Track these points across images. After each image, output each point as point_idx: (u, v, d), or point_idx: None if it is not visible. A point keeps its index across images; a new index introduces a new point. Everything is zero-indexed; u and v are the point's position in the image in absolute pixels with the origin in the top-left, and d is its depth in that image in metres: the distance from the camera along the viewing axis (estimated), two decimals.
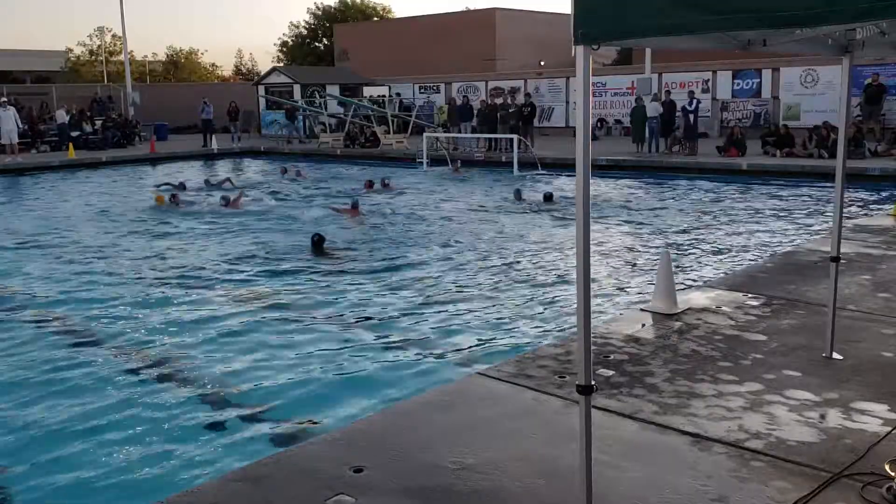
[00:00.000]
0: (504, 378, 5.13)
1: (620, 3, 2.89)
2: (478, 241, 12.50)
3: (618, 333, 6.04)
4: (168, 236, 13.60)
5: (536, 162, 22.02)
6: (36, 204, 18.26)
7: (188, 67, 68.52)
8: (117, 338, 7.84)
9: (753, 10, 2.60)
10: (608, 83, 30.72)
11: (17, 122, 26.44)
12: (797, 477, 3.79)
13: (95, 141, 30.08)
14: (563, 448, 4.03)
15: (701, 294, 7.20)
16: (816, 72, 25.69)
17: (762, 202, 15.96)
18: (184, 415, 5.89)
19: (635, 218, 14.46)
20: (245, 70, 72.07)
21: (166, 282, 10.15)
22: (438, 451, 4.12)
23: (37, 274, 10.79)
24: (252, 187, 19.85)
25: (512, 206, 15.83)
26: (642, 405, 4.65)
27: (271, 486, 3.80)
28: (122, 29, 35.17)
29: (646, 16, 2.84)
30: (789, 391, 4.84)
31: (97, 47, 64.76)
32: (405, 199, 17.34)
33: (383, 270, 10.53)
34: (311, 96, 32.62)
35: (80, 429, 5.67)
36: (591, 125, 3.12)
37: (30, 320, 8.58)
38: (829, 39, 4.53)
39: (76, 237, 13.63)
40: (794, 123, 24.27)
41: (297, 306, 8.87)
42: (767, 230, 12.98)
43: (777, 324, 6.21)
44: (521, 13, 47.99)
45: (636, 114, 23.93)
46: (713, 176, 19.63)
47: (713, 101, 28.11)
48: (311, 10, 64.23)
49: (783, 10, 2.54)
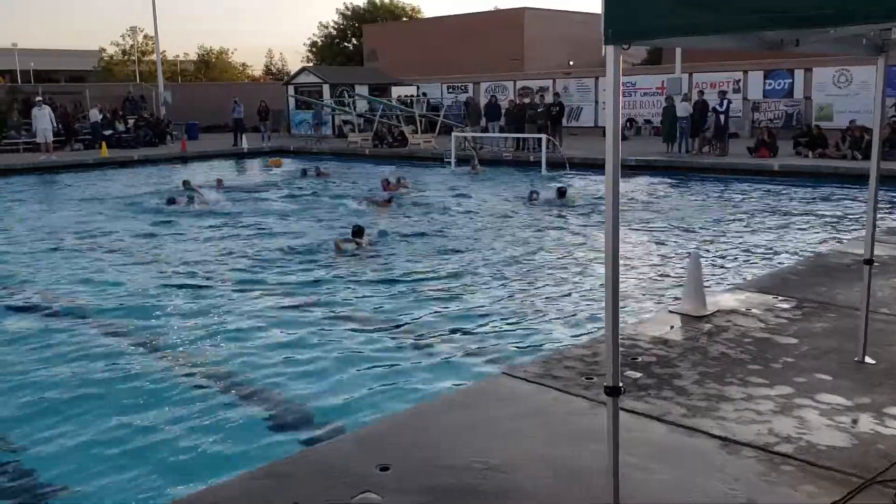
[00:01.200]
0: (530, 378, 5.11)
1: (651, 3, 2.87)
2: (503, 240, 12.47)
3: (646, 335, 5.99)
4: (187, 236, 13.71)
5: (565, 162, 21.93)
6: (59, 203, 18.52)
7: (219, 67, 69.20)
8: (142, 334, 7.94)
9: (786, 9, 2.57)
10: (638, 83, 30.52)
11: (52, 121, 26.86)
12: (828, 482, 3.73)
13: (128, 139, 30.47)
14: (588, 449, 4.00)
15: (730, 296, 7.13)
16: (850, 72, 25.33)
17: (793, 203, 15.77)
18: (208, 412, 5.94)
19: (664, 218, 14.35)
20: (275, 70, 72.64)
21: (191, 281, 10.24)
22: (464, 450, 4.11)
23: (49, 269, 10.98)
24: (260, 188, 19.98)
25: (537, 206, 15.78)
26: (670, 407, 4.61)
27: (296, 483, 3.82)
28: (155, 29, 35.66)
29: (676, 15, 2.81)
30: (820, 395, 4.77)
31: (130, 47, 65.63)
32: (427, 199, 17.35)
33: (408, 270, 10.54)
34: (341, 96, 32.79)
35: (108, 425, 5.74)
36: (620, 125, 3.10)
37: (59, 316, 8.72)
38: (864, 39, 4.46)
39: (97, 235, 13.81)
40: (828, 124, 23.95)
41: (320, 305, 8.90)
42: (798, 232, 12.83)
43: (808, 327, 6.13)
44: (551, 13, 47.86)
45: (666, 114, 23.77)
46: (744, 177, 19.43)
47: (744, 102, 27.82)
48: (341, 11, 64.62)
49: (817, 9, 2.51)
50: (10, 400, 6.25)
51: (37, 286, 10.13)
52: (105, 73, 61.18)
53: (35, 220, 15.66)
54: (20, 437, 5.65)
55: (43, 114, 26.26)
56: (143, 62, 61.77)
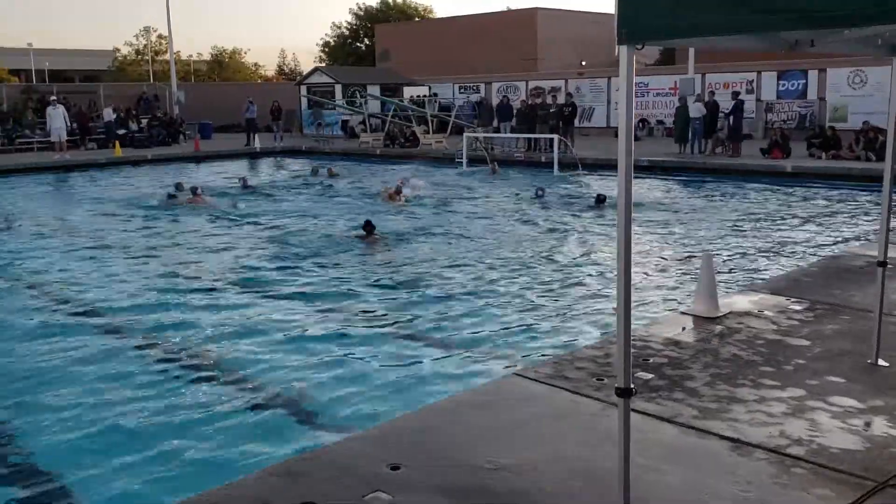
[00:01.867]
0: (541, 379, 5.11)
1: (665, 3, 2.86)
2: (514, 241, 12.46)
3: (658, 336, 5.98)
4: (202, 234, 13.77)
5: (577, 162, 21.89)
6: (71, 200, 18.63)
7: (232, 67, 69.45)
8: (151, 332, 7.99)
9: (800, 9, 2.56)
10: (651, 83, 30.44)
11: (66, 121, 27.02)
12: (840, 485, 3.72)
13: (141, 139, 30.62)
14: (599, 450, 4.00)
15: (743, 298, 7.10)
16: (865, 72, 25.17)
17: (807, 205, 15.69)
18: (222, 410, 5.96)
19: (677, 219, 14.30)
20: (288, 70, 72.85)
21: (205, 280, 10.29)
22: (474, 450, 4.12)
23: (58, 265, 11.05)
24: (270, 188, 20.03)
25: (549, 207, 15.75)
26: (682, 409, 4.60)
27: (309, 481, 3.83)
28: (168, 29, 35.79)
29: (691, 15, 2.80)
30: (833, 397, 4.75)
31: (143, 47, 66.03)
32: (438, 199, 17.35)
33: (419, 270, 10.56)
34: (353, 96, 32.85)
35: (124, 423, 5.78)
36: (633, 125, 3.10)
37: (75, 314, 8.78)
38: (879, 39, 4.44)
39: (104, 232, 13.91)
40: (843, 125, 23.81)
41: (333, 304, 8.92)
42: (812, 233, 12.76)
43: (821, 329, 6.10)
44: (563, 13, 47.81)
45: (679, 114, 23.70)
46: (757, 178, 19.35)
47: (757, 103, 27.69)
48: (353, 11, 64.75)
49: (831, 10, 2.50)
50: (20, 399, 6.30)
51: (48, 284, 10.20)
52: (119, 73, 61.52)
53: (47, 217, 15.77)
54: (27, 435, 5.69)
55: (57, 113, 26.43)
56: (156, 62, 62.10)
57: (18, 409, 6.11)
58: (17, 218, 15.64)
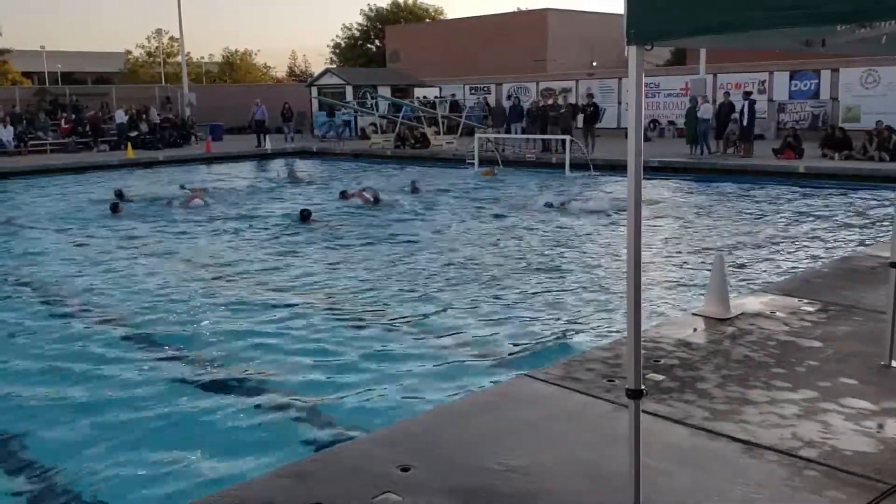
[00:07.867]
0: (551, 380, 5.10)
1: (674, 3, 2.85)
2: (523, 242, 12.45)
3: (668, 338, 5.95)
4: (200, 236, 13.80)
5: (589, 163, 21.82)
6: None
7: (243, 68, 69.65)
8: (160, 333, 8.02)
9: (809, 6, 2.54)
10: (661, 84, 30.34)
11: None
12: (853, 488, 3.69)
13: (152, 140, 30.75)
14: (610, 452, 3.98)
15: (755, 299, 7.06)
16: (878, 72, 25.00)
17: (819, 206, 15.60)
18: (232, 411, 5.97)
19: (688, 220, 14.25)
20: (298, 71, 73.00)
21: (211, 283, 10.32)
22: (484, 451, 4.11)
23: (69, 269, 11.10)
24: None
25: (559, 209, 15.71)
26: (693, 411, 4.58)
27: (319, 482, 3.83)
28: (180, 31, 35.98)
29: (699, 15, 2.79)
30: (845, 399, 4.71)
31: (155, 49, 66.27)
32: (446, 199, 17.34)
33: (427, 272, 10.56)
34: (363, 97, 32.89)
35: (132, 425, 5.80)
36: (643, 126, 3.08)
37: (80, 316, 8.82)
38: (884, 38, 4.39)
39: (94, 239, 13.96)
40: (856, 126, 23.65)
41: (341, 306, 8.93)
42: (824, 234, 12.69)
43: (833, 330, 6.06)
44: (573, 13, 47.70)
45: (690, 115, 23.62)
46: (769, 178, 19.25)
47: (769, 103, 27.54)
48: (364, 12, 64.82)
49: (841, 7, 2.48)
50: (29, 400, 6.34)
51: (49, 284, 10.25)
52: (131, 75, 61.82)
53: (58, 218, 15.85)
54: (37, 435, 5.72)
55: None
56: (168, 64, 62.35)
57: (24, 412, 6.13)
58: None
